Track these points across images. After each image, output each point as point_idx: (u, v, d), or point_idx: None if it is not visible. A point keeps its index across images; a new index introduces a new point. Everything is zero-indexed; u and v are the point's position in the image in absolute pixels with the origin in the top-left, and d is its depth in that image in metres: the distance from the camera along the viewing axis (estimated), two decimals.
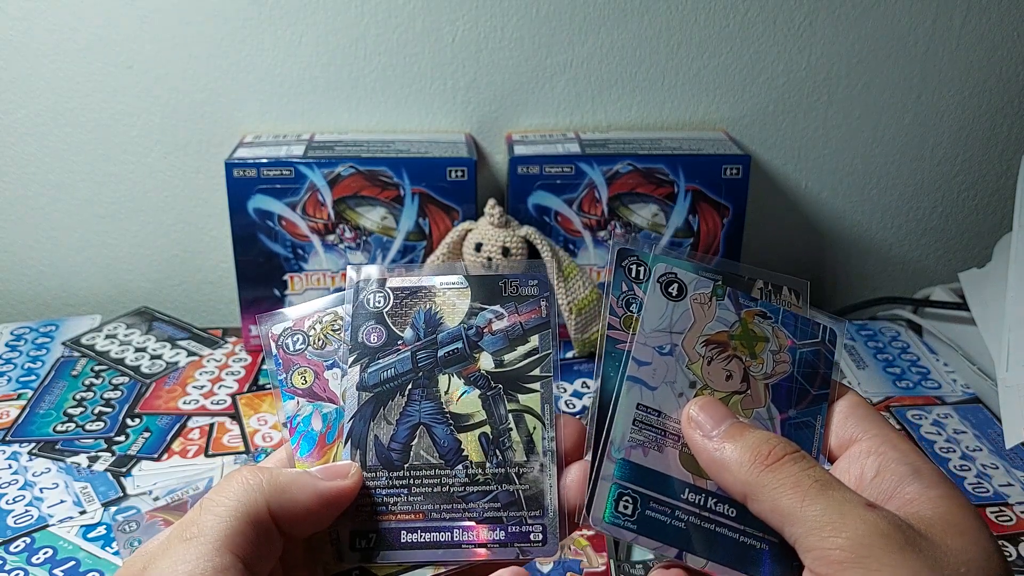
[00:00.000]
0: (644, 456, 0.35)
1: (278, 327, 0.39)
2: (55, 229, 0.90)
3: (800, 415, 0.36)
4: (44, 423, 0.73)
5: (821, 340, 0.38)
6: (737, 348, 0.37)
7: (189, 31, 0.82)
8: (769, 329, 0.37)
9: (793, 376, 0.37)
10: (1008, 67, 0.89)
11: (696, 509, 0.34)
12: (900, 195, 0.94)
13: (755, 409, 0.36)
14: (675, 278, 0.38)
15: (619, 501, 0.34)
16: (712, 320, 0.37)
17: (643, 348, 0.36)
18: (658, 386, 0.36)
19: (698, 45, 0.86)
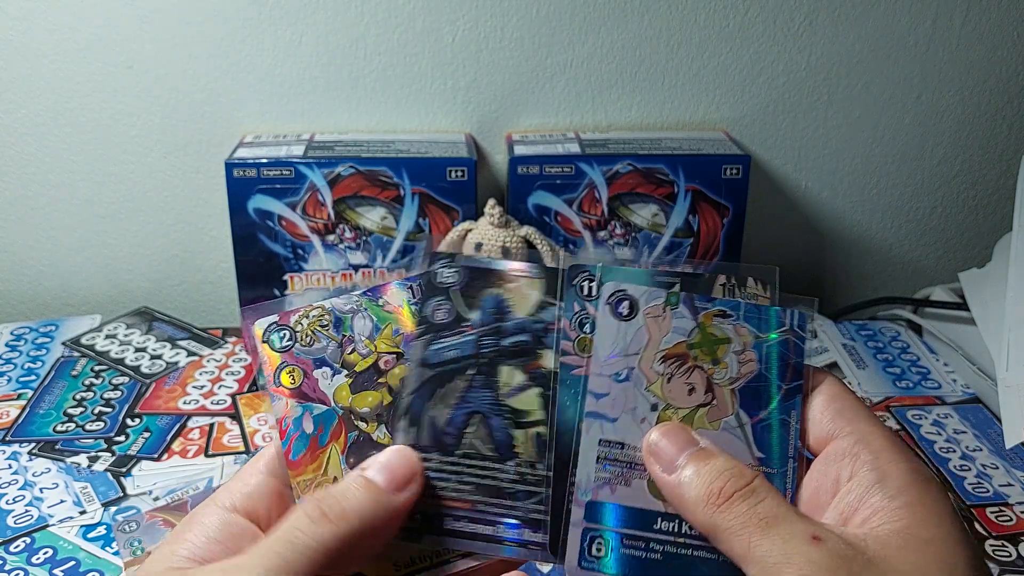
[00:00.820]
0: (612, 493, 0.34)
1: (262, 322, 0.37)
2: (55, 229, 0.90)
3: (774, 414, 0.35)
4: (44, 423, 0.73)
5: (789, 327, 0.35)
6: (698, 357, 0.35)
7: (189, 31, 0.82)
8: (730, 328, 0.35)
9: (761, 374, 0.35)
10: (1008, 67, 0.89)
11: (671, 537, 0.33)
12: (900, 195, 0.94)
13: (722, 419, 0.35)
14: (625, 295, 0.36)
15: (592, 545, 0.34)
16: (668, 332, 0.35)
17: (599, 379, 0.35)
18: (618, 416, 0.34)
19: (698, 45, 0.86)
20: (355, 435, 0.36)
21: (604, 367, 0.35)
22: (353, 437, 0.36)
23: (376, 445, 0.36)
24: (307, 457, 0.36)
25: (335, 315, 0.37)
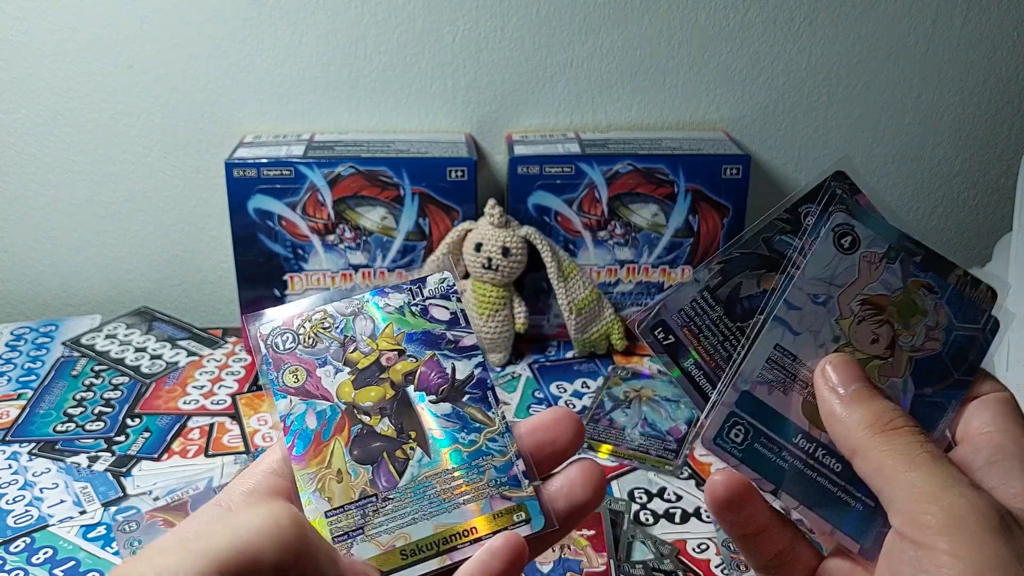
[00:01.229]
0: (768, 394, 0.36)
1: (266, 326, 0.38)
2: (55, 229, 0.90)
3: (936, 395, 0.36)
4: (44, 423, 0.73)
5: (981, 328, 0.37)
6: (893, 315, 0.37)
7: (189, 31, 0.82)
8: (931, 304, 0.37)
9: (941, 356, 0.37)
10: (1008, 67, 0.89)
11: (803, 455, 0.35)
12: (900, 195, 0.94)
13: (891, 378, 0.36)
14: (850, 231, 0.37)
15: (732, 428, 0.35)
16: (876, 282, 0.37)
17: (798, 293, 0.36)
18: (802, 332, 0.36)
19: (698, 45, 0.86)
20: (359, 428, 0.36)
21: (807, 284, 0.36)
22: (356, 430, 0.36)
23: (380, 437, 0.36)
24: (311, 452, 0.36)
25: (336, 318, 0.38)
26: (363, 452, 0.36)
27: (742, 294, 0.37)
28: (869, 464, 0.32)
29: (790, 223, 0.38)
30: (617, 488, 0.66)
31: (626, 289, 0.84)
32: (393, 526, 0.35)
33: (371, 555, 0.35)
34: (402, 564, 0.34)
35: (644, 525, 0.62)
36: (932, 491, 0.30)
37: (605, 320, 0.82)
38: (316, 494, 0.35)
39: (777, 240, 0.38)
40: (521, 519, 0.35)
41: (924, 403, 0.36)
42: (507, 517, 0.35)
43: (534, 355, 0.84)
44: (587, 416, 0.74)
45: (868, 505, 0.34)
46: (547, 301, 0.84)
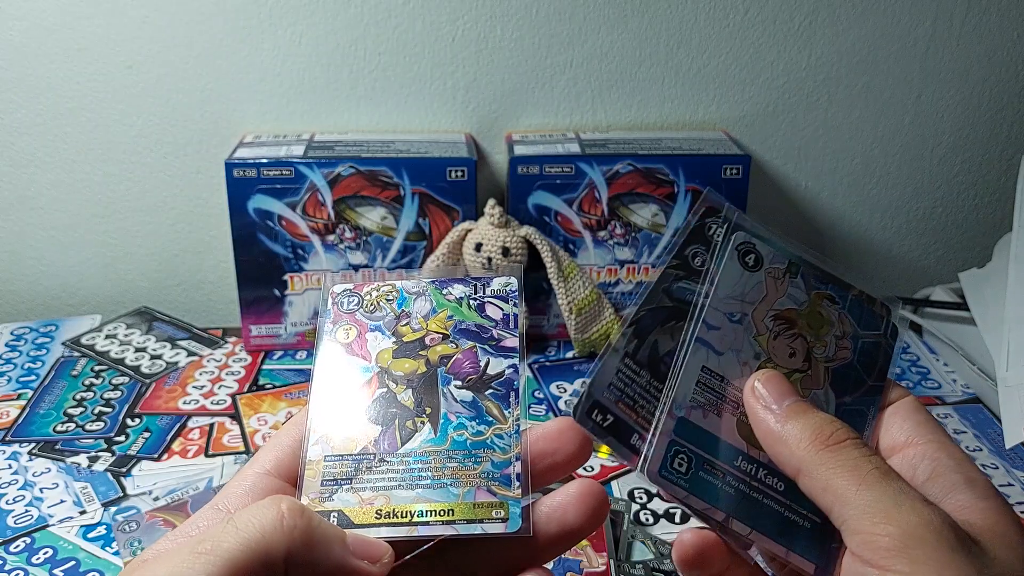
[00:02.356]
0: (703, 418, 0.36)
1: (339, 287, 0.42)
2: (55, 229, 0.90)
3: (855, 403, 0.36)
4: (44, 423, 0.73)
5: (883, 334, 0.38)
6: (803, 327, 0.37)
7: (189, 31, 0.82)
8: (835, 314, 0.38)
9: (852, 364, 0.37)
10: (1008, 67, 0.89)
11: (746, 478, 0.35)
12: (900, 195, 0.94)
13: (813, 390, 0.37)
14: (752, 248, 0.38)
15: (675, 458, 0.35)
16: (783, 296, 0.38)
17: (715, 313, 0.37)
18: (724, 352, 0.36)
19: (698, 45, 0.86)
20: (383, 391, 0.38)
21: (721, 304, 0.37)
22: (380, 393, 0.38)
23: (399, 405, 0.38)
24: None
25: (401, 293, 0.41)
26: (379, 413, 0.38)
27: (661, 352, 0.37)
28: (816, 483, 0.32)
29: (682, 268, 0.38)
30: (617, 488, 0.66)
31: (626, 289, 0.84)
32: (379, 486, 0.36)
33: (349, 506, 0.35)
34: (374, 523, 0.35)
35: (644, 525, 0.62)
36: (885, 509, 0.30)
37: (605, 320, 0.82)
38: (322, 438, 0.37)
39: (675, 288, 0.38)
40: (499, 516, 0.35)
41: (847, 412, 0.36)
42: (486, 510, 0.35)
43: (534, 355, 0.84)
44: None
45: (816, 522, 0.34)
46: (547, 301, 0.84)
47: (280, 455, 0.36)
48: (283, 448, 0.37)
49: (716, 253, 0.38)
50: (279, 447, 0.37)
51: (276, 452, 0.36)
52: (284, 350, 0.84)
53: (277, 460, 0.36)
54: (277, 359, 0.83)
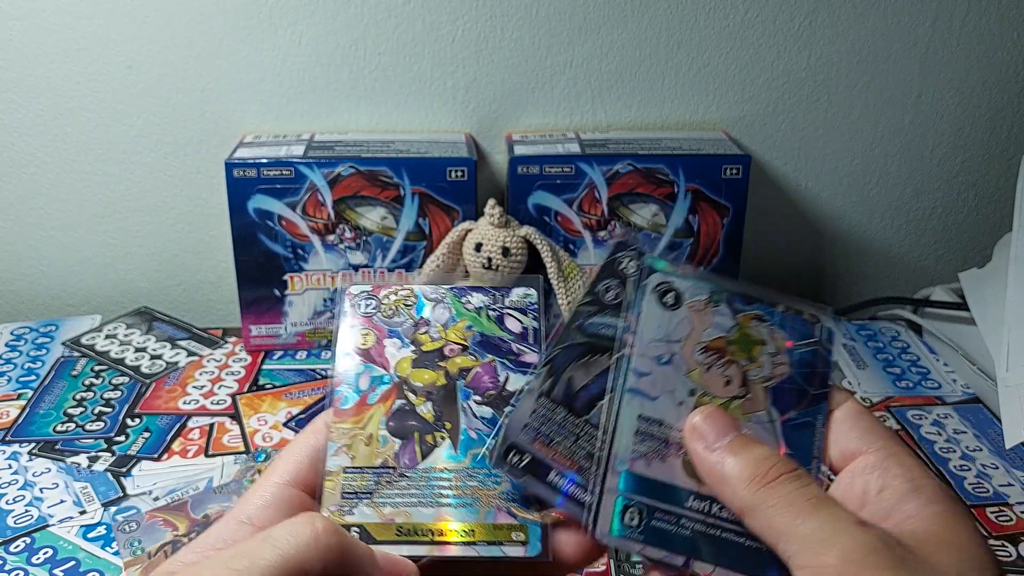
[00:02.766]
0: (647, 467, 0.35)
1: (356, 288, 0.41)
2: (55, 229, 0.90)
3: (801, 416, 0.36)
4: (44, 423, 0.73)
5: (818, 340, 0.38)
6: (735, 353, 0.37)
7: (189, 31, 0.82)
8: (766, 332, 0.38)
9: (792, 377, 0.37)
10: (1008, 67, 0.89)
11: (701, 516, 0.35)
12: (900, 195, 0.94)
13: (755, 413, 0.36)
14: (670, 287, 0.38)
15: (625, 513, 0.35)
16: (709, 327, 0.37)
17: (642, 359, 0.37)
18: (659, 396, 0.36)
19: (698, 45, 0.86)
20: (402, 403, 0.38)
21: (648, 348, 0.37)
22: (399, 405, 0.38)
23: (418, 417, 0.38)
24: (353, 410, 0.38)
25: (420, 299, 0.41)
26: (398, 426, 0.38)
27: (576, 387, 0.37)
28: (760, 522, 0.32)
29: (594, 303, 0.38)
30: None
31: None
32: (399, 502, 0.36)
33: (369, 521, 0.35)
34: (395, 539, 0.35)
35: None
36: (823, 539, 0.30)
37: None
38: (343, 449, 0.37)
39: (588, 325, 0.38)
40: (519, 539, 0.35)
41: (793, 427, 0.36)
42: (505, 532, 0.35)
43: None
44: None
45: None
46: (547, 301, 0.84)
47: (298, 465, 0.36)
48: (301, 457, 0.36)
49: (634, 299, 0.38)
50: (297, 456, 0.37)
51: (294, 461, 0.36)
52: (284, 350, 0.84)
53: (295, 470, 0.36)
54: (277, 359, 0.83)
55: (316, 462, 0.36)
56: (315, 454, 0.36)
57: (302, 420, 0.74)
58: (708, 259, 0.83)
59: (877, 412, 0.76)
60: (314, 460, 0.36)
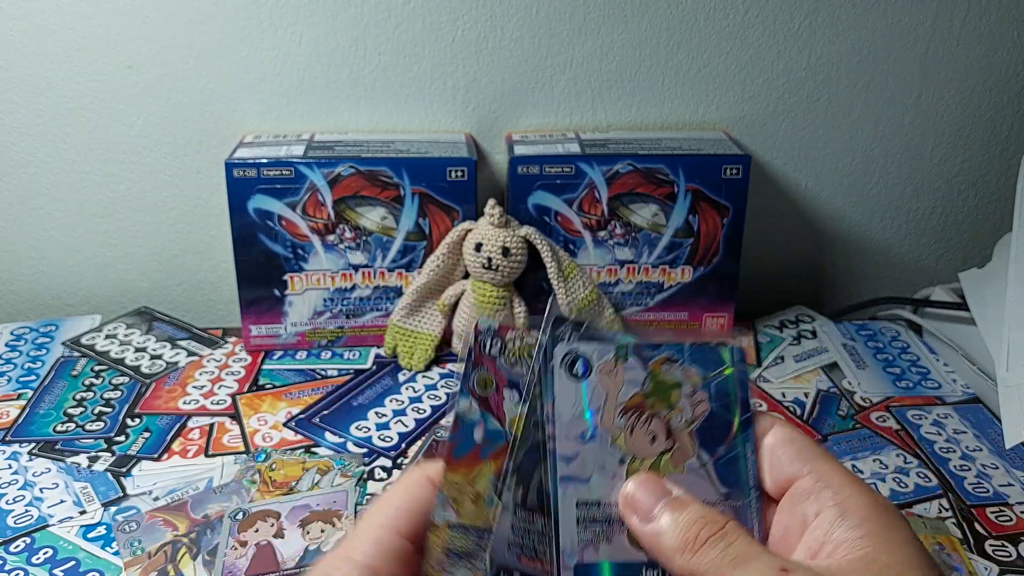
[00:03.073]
0: (596, 552, 0.35)
1: (484, 322, 0.38)
2: (55, 229, 0.90)
3: (728, 450, 0.36)
4: (44, 423, 0.73)
5: (729, 363, 0.37)
6: (654, 405, 0.36)
7: (189, 31, 0.82)
8: (679, 372, 0.37)
9: (713, 413, 0.36)
10: (1008, 67, 0.89)
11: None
12: (900, 195, 0.94)
13: (686, 462, 0.36)
14: (577, 355, 0.37)
15: None
16: (623, 386, 0.36)
17: (566, 442, 0.36)
18: (590, 476, 0.35)
19: (698, 45, 0.86)
20: (511, 465, 0.36)
21: (569, 428, 0.36)
22: (508, 467, 0.36)
23: None
24: (464, 462, 0.36)
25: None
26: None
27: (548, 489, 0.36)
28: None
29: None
30: None
31: (626, 289, 0.84)
32: None
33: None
34: None
35: None
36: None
37: (605, 320, 0.82)
38: (451, 503, 0.35)
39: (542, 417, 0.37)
40: None
41: (724, 464, 0.36)
42: None
43: None
44: None
45: None
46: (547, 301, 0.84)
47: (406, 508, 0.36)
48: (409, 501, 0.36)
49: (545, 382, 0.36)
50: (406, 499, 0.36)
51: (403, 504, 0.36)
52: (284, 350, 0.84)
53: (402, 513, 0.36)
54: (277, 359, 0.83)
55: (416, 514, 0.35)
56: (416, 505, 0.36)
57: (302, 420, 0.74)
58: (708, 259, 0.83)
59: (877, 412, 0.76)
60: (419, 506, 0.36)
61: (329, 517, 0.62)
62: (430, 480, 0.36)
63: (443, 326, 0.82)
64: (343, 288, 0.82)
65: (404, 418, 0.74)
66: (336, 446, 0.71)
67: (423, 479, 0.36)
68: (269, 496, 0.64)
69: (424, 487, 0.36)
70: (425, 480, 0.36)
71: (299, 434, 0.72)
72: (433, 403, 0.76)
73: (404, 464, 0.68)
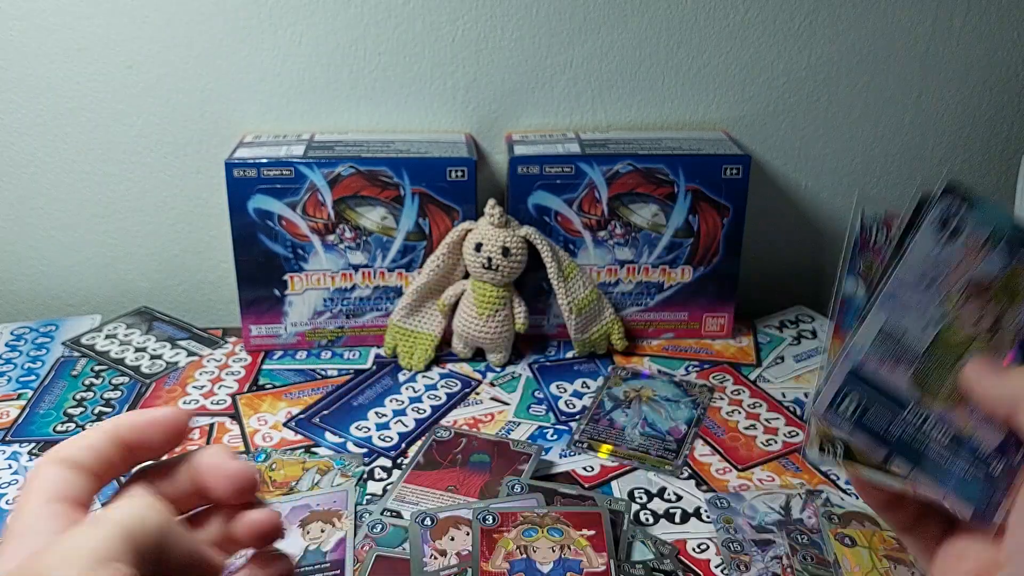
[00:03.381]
0: (878, 368, 0.37)
1: (871, 211, 0.39)
2: (55, 229, 0.90)
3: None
4: (44, 423, 0.73)
5: None
6: (997, 295, 0.38)
7: (189, 31, 0.82)
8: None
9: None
10: (1007, 67, 0.89)
11: (913, 426, 0.37)
12: (900, 195, 0.94)
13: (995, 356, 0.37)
14: (953, 217, 0.38)
15: (843, 400, 0.37)
16: (980, 264, 0.38)
17: (902, 280, 0.38)
18: (907, 314, 0.37)
19: (698, 45, 0.86)
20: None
21: (913, 267, 0.38)
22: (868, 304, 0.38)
23: None
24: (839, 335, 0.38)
25: None
26: None
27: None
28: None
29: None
30: (617, 488, 0.66)
31: (626, 289, 0.84)
32: None
33: None
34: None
35: (644, 525, 0.62)
36: None
37: (605, 320, 0.82)
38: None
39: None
40: None
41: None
42: None
43: (534, 355, 0.84)
44: (587, 416, 0.74)
45: (982, 473, 0.36)
46: (547, 301, 0.84)
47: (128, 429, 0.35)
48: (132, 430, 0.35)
49: (919, 218, 0.38)
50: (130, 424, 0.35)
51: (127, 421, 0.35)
52: (284, 350, 0.84)
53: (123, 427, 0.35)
54: (277, 359, 0.83)
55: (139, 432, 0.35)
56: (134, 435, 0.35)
57: (302, 420, 0.74)
58: (708, 259, 0.83)
59: None
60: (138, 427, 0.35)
61: (329, 517, 0.62)
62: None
63: (443, 326, 0.82)
64: (343, 288, 0.82)
65: (404, 418, 0.74)
66: (336, 446, 0.71)
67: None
68: (269, 496, 0.64)
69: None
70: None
71: (299, 434, 0.72)
72: (433, 403, 0.76)
73: (403, 463, 0.68)
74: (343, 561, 0.58)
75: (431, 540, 0.59)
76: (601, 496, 0.63)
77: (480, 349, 0.82)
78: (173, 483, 0.35)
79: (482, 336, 0.80)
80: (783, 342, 0.86)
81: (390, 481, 0.66)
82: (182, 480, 0.35)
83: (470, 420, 0.74)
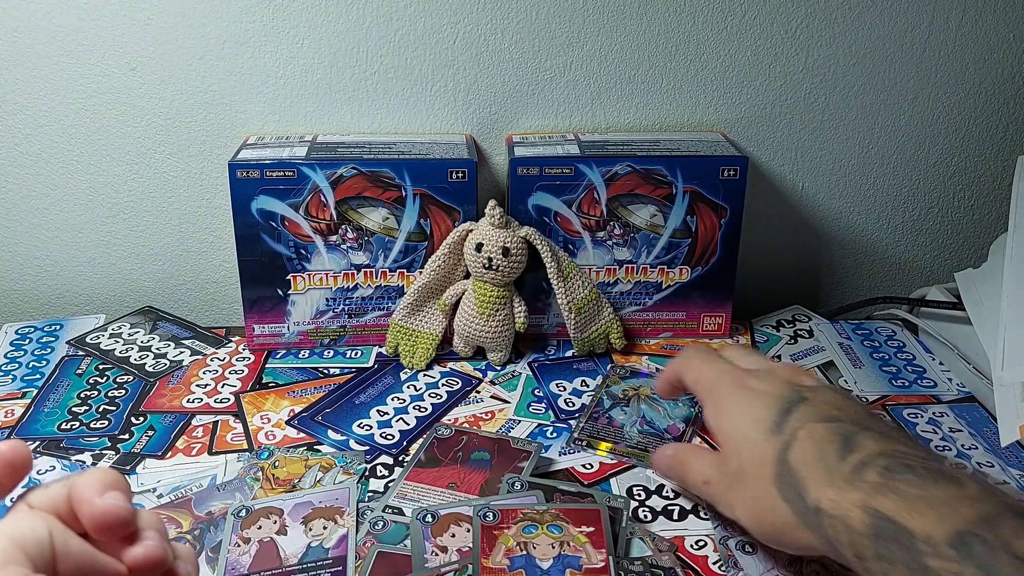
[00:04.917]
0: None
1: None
2: (59, 229, 0.91)
3: None
4: (49, 421, 0.74)
5: None
6: None
7: (193, 34, 0.83)
8: None
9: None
10: (1004, 69, 0.90)
11: None
12: (896, 196, 0.95)
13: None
14: None
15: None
16: None
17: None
18: None
19: (696, 47, 0.87)
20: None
21: None
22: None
23: None
24: None
25: None
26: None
27: None
28: None
29: None
30: (616, 485, 0.67)
31: (625, 289, 0.85)
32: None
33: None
34: None
35: (642, 522, 0.63)
36: None
37: (604, 319, 0.83)
38: None
39: None
40: None
41: None
42: None
43: (534, 354, 0.85)
44: (586, 414, 0.74)
45: None
46: (547, 301, 0.85)
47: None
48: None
49: None
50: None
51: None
52: (287, 349, 0.84)
53: None
54: (280, 358, 0.83)
55: None
56: None
57: (304, 418, 0.74)
58: (706, 259, 0.84)
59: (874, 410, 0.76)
60: None
61: (331, 514, 0.62)
62: None
63: (444, 325, 0.82)
64: (345, 288, 0.83)
65: (406, 416, 0.75)
66: (338, 444, 0.71)
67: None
68: (272, 493, 0.65)
69: None
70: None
71: (302, 432, 0.73)
72: (434, 401, 0.77)
73: (405, 461, 0.69)
74: (345, 557, 0.58)
75: (432, 536, 0.60)
76: (600, 493, 0.64)
77: (481, 348, 0.83)
78: (56, 505, 0.35)
79: (483, 335, 0.81)
80: (780, 341, 0.87)
81: (392, 478, 0.67)
82: (64, 504, 0.35)
83: (471, 418, 0.75)
